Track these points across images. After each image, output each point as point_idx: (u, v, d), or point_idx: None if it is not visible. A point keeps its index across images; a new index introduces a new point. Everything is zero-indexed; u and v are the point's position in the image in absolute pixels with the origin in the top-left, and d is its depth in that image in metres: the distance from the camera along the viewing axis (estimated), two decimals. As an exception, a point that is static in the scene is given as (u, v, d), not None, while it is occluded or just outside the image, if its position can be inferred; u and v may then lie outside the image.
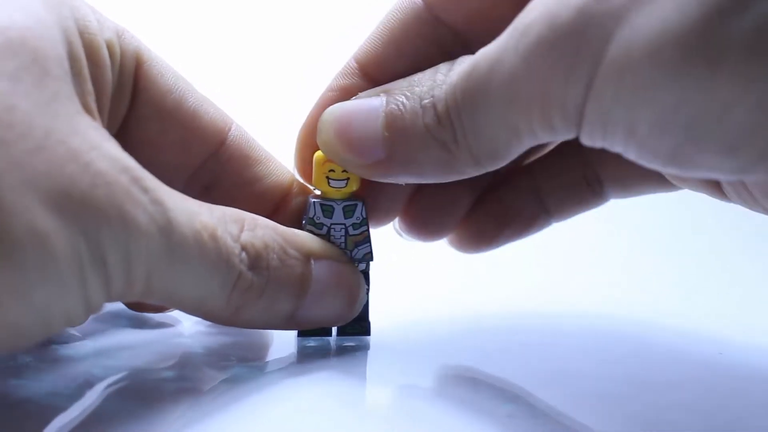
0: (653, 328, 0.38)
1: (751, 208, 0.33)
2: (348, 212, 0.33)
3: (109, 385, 0.30)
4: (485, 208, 0.37)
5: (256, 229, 0.31)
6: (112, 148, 0.27)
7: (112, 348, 0.33)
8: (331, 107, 0.32)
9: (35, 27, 0.27)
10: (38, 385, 0.29)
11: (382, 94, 0.32)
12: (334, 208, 0.33)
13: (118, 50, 0.31)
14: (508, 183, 0.37)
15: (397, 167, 0.31)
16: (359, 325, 0.34)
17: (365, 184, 0.34)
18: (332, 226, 0.33)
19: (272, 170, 0.35)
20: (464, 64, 0.30)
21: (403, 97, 0.31)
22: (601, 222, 0.40)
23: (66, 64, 0.27)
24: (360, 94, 0.33)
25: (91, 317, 0.29)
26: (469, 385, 0.33)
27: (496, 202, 0.37)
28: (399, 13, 0.35)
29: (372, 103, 0.32)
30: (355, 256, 0.33)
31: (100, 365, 0.31)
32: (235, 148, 0.34)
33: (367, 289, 0.34)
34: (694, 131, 0.26)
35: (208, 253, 0.28)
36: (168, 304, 0.29)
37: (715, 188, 0.34)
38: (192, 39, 0.69)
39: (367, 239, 0.34)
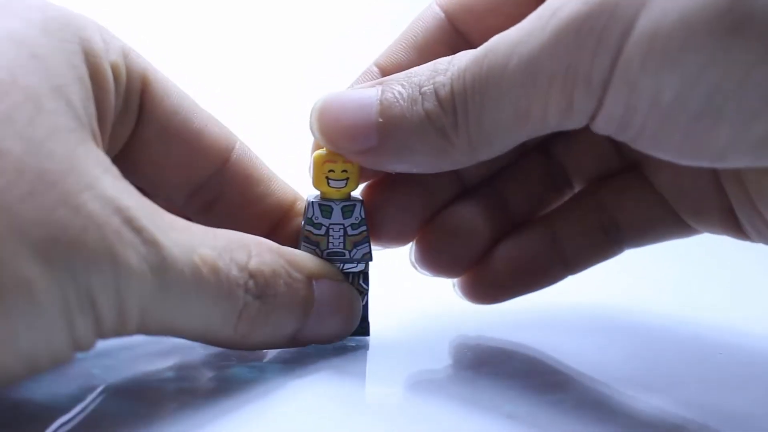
0: (653, 328, 0.38)
1: None
2: (347, 212, 0.33)
3: (109, 385, 0.30)
4: (500, 253, 0.36)
5: (262, 254, 0.30)
6: (108, 184, 0.26)
7: (112, 348, 0.33)
8: (325, 94, 0.32)
9: (27, 63, 0.26)
10: (38, 385, 0.29)
11: (378, 85, 0.32)
12: (332, 209, 0.33)
13: (123, 72, 0.31)
14: (525, 230, 0.37)
15: (389, 154, 0.31)
16: (359, 326, 0.34)
17: (379, 198, 0.34)
18: (331, 227, 0.33)
19: (274, 190, 0.35)
20: (474, 51, 0.30)
21: (399, 86, 0.31)
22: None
23: (66, 92, 0.27)
24: (355, 85, 0.33)
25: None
26: (469, 384, 0.33)
27: (511, 247, 0.36)
28: (421, 22, 0.35)
29: (367, 92, 0.32)
30: (353, 257, 0.33)
31: (100, 365, 0.31)
32: (238, 168, 0.34)
33: (367, 290, 0.34)
34: (715, 96, 0.27)
35: (207, 287, 0.28)
36: (169, 335, 0.29)
37: (735, 227, 0.34)
38: (193, 43, 0.69)
39: (366, 239, 0.34)
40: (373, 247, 0.34)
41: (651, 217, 0.36)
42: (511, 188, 0.37)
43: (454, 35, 0.35)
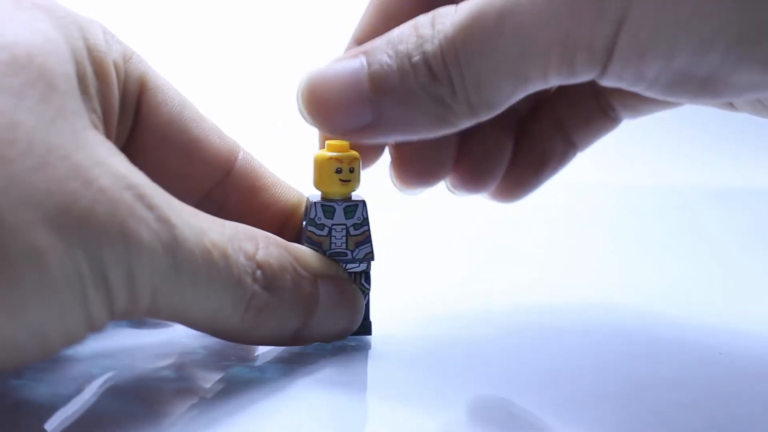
0: (653, 328, 0.38)
1: (759, 116, 0.34)
2: (349, 213, 0.33)
3: (109, 385, 0.30)
4: (524, 154, 0.37)
5: (269, 247, 0.30)
6: (118, 163, 0.27)
7: (112, 348, 0.33)
8: (307, 73, 0.31)
9: (42, 44, 0.27)
10: (38, 385, 0.29)
11: (360, 55, 0.31)
12: (335, 209, 0.33)
13: (122, 73, 0.31)
14: (536, 124, 0.38)
15: (388, 128, 0.31)
16: (360, 325, 0.34)
17: (409, 152, 0.34)
18: (333, 227, 0.33)
19: (278, 197, 0.35)
20: (459, 14, 0.30)
21: (385, 56, 0.30)
22: (599, 221, 0.40)
23: (74, 81, 0.27)
24: (337, 57, 0.32)
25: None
26: (468, 384, 0.33)
27: (532, 145, 0.37)
28: None
29: (352, 66, 0.31)
30: (356, 256, 0.33)
31: (99, 365, 0.31)
32: (241, 179, 0.34)
33: (368, 289, 0.34)
34: (731, 54, 0.27)
35: (217, 272, 0.28)
36: (178, 322, 0.29)
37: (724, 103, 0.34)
38: (198, 45, 0.69)
39: (368, 239, 0.33)
40: (406, 190, 0.36)
41: (640, 99, 0.37)
42: None
43: None
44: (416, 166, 0.35)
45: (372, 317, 0.34)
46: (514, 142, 0.37)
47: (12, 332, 0.24)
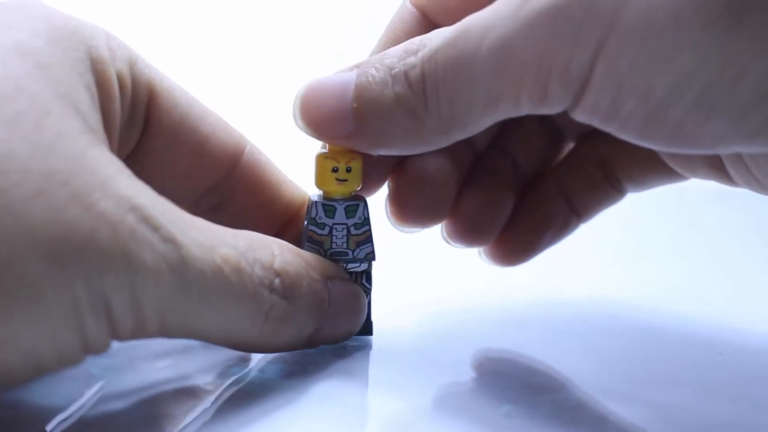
0: (653, 328, 0.38)
1: (756, 191, 0.34)
2: (350, 212, 0.33)
3: (109, 385, 0.30)
4: (523, 217, 0.37)
5: (285, 254, 0.30)
6: (121, 184, 0.26)
7: (112, 348, 0.32)
8: (305, 82, 0.32)
9: (32, 72, 0.26)
10: (38, 385, 0.29)
11: (354, 69, 0.32)
12: (336, 208, 0.33)
13: (129, 82, 0.30)
14: (540, 188, 0.37)
15: (366, 138, 0.31)
16: (362, 325, 0.34)
17: (407, 189, 0.35)
18: (334, 226, 0.33)
19: (282, 194, 0.35)
20: (446, 31, 0.30)
21: (373, 69, 0.31)
22: (599, 221, 0.40)
23: (73, 99, 0.27)
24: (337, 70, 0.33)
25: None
26: (468, 384, 0.33)
27: (533, 208, 0.37)
28: (400, 22, 0.35)
29: (343, 77, 0.32)
30: (357, 256, 0.33)
31: (99, 365, 0.31)
32: (247, 173, 0.34)
33: (370, 289, 0.34)
34: (709, 93, 0.27)
35: (230, 287, 0.28)
36: (192, 339, 0.29)
37: (722, 174, 0.34)
38: (203, 42, 0.69)
39: (369, 239, 0.33)
40: (401, 228, 0.35)
41: (645, 168, 0.37)
42: (516, 147, 0.37)
43: (434, 28, 0.35)
44: (412, 204, 0.35)
45: (373, 317, 0.34)
46: (516, 202, 0.37)
47: (3, 358, 0.24)
